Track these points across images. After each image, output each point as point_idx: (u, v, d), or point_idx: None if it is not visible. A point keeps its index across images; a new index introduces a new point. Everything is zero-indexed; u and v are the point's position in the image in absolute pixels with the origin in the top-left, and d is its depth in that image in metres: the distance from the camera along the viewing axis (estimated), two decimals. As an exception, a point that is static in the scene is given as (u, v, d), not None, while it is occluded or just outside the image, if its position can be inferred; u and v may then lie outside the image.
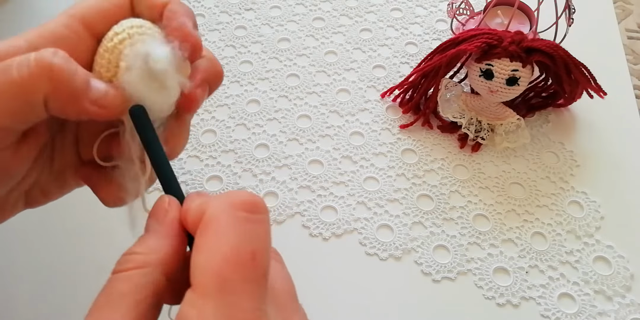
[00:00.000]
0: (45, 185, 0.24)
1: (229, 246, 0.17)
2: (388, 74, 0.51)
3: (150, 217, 0.20)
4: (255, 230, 0.18)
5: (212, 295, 0.16)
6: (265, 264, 0.17)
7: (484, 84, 0.43)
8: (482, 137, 0.45)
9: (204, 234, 0.18)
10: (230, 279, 0.16)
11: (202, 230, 0.18)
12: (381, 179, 0.44)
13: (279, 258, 0.22)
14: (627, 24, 0.58)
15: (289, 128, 0.47)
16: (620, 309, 0.38)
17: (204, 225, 0.18)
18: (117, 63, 0.21)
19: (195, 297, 0.16)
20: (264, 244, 0.18)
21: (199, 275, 0.17)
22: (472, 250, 0.41)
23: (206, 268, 0.17)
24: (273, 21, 0.54)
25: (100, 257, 0.40)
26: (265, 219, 0.19)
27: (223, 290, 0.16)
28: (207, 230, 0.18)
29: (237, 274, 0.16)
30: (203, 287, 0.16)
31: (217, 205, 0.18)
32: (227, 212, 0.18)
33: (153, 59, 0.20)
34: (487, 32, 0.42)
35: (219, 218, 0.18)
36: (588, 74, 0.44)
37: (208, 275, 0.16)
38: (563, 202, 0.43)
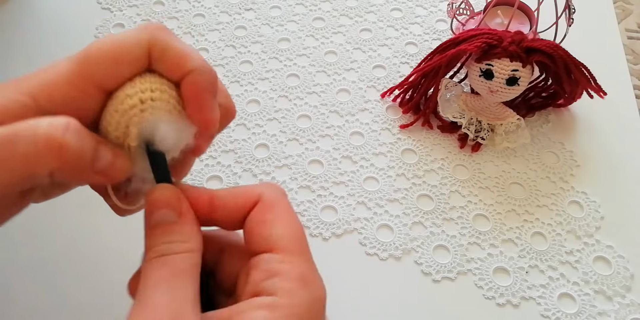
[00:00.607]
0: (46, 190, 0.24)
1: (297, 222, 0.22)
2: (388, 74, 0.51)
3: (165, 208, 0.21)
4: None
5: (299, 254, 0.21)
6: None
7: (484, 84, 0.43)
8: (482, 137, 0.45)
9: (273, 211, 0.22)
10: (305, 246, 0.22)
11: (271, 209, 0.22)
12: (381, 179, 0.44)
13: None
14: (627, 24, 0.58)
15: (289, 128, 0.47)
16: (620, 309, 0.38)
17: (271, 206, 0.22)
18: (127, 125, 0.20)
19: (285, 257, 0.21)
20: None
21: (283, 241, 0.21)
22: (472, 250, 0.41)
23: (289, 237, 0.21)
24: (273, 21, 0.54)
25: (100, 256, 0.40)
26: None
27: (304, 253, 0.22)
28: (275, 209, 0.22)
29: (306, 241, 0.22)
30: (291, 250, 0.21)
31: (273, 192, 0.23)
32: (284, 197, 0.23)
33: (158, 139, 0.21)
34: (487, 32, 0.42)
35: (283, 201, 0.23)
36: (588, 74, 0.44)
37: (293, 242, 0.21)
38: (563, 202, 0.43)
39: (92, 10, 0.55)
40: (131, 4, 0.55)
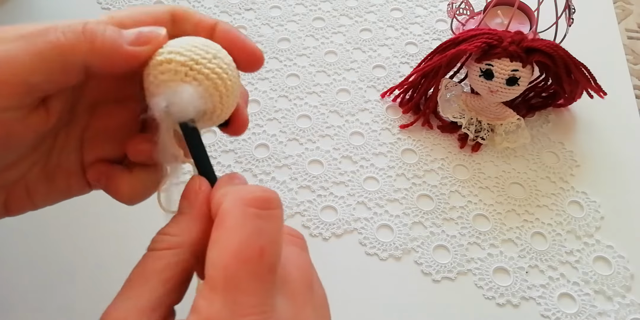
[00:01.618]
0: (32, 184, 0.23)
1: (237, 242, 0.18)
2: (388, 74, 0.51)
3: (182, 199, 0.21)
4: (264, 226, 0.18)
5: (219, 290, 0.17)
6: (274, 260, 0.18)
7: (484, 84, 0.43)
8: (482, 137, 0.45)
9: (217, 228, 0.19)
10: (236, 275, 0.17)
11: (217, 225, 0.19)
12: (381, 179, 0.44)
13: (301, 243, 0.23)
14: (627, 24, 0.58)
15: (289, 128, 0.47)
16: (620, 309, 0.38)
17: (218, 220, 0.19)
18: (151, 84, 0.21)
19: (206, 289, 0.17)
20: (273, 239, 0.18)
21: (209, 268, 0.18)
22: (472, 250, 0.41)
23: (215, 263, 0.18)
24: (273, 21, 0.54)
25: (99, 255, 0.40)
26: (277, 215, 0.19)
27: (229, 285, 0.17)
28: (220, 224, 0.19)
29: (243, 271, 0.17)
30: (212, 281, 0.17)
31: (230, 200, 0.19)
32: (239, 207, 0.18)
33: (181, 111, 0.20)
34: (487, 32, 0.42)
35: (230, 213, 0.18)
36: (588, 74, 0.44)
37: (217, 270, 0.17)
38: (563, 202, 0.43)
39: (92, 10, 0.55)
40: (131, 4, 0.55)
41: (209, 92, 0.21)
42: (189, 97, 0.20)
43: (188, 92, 0.20)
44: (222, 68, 0.21)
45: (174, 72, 0.20)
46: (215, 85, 0.21)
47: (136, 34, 0.20)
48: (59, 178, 0.24)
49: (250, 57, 0.23)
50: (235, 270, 0.17)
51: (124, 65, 0.20)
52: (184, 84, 0.20)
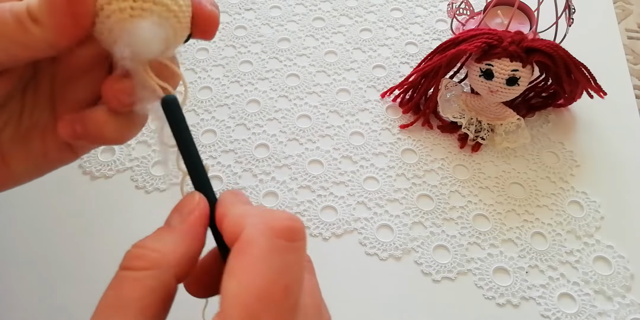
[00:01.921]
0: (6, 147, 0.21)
1: (263, 280, 0.16)
2: (388, 74, 0.51)
3: (174, 212, 0.20)
4: (291, 260, 0.17)
5: None
6: (297, 296, 0.17)
7: (484, 84, 0.43)
8: (482, 137, 0.45)
9: (239, 257, 0.17)
10: (259, 316, 0.16)
11: (238, 253, 0.17)
12: (381, 179, 0.44)
13: (310, 267, 0.21)
14: (627, 24, 0.58)
15: (289, 128, 0.47)
16: (620, 309, 0.38)
17: (241, 248, 0.17)
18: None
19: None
20: (298, 276, 0.17)
21: (228, 304, 0.16)
22: (472, 250, 0.41)
23: (237, 299, 0.16)
24: (273, 21, 0.54)
25: (99, 255, 0.40)
26: (303, 247, 0.18)
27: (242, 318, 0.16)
28: (243, 254, 0.17)
29: (267, 312, 0.16)
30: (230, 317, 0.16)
31: (256, 227, 0.17)
32: (267, 237, 0.17)
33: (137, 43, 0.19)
34: (487, 32, 0.42)
35: (257, 244, 0.17)
36: (588, 74, 0.44)
37: (238, 307, 0.16)
38: (563, 202, 0.43)
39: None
40: None
41: (164, 17, 0.19)
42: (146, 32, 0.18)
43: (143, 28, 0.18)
44: None
45: (119, 11, 0.18)
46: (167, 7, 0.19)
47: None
48: (34, 139, 0.22)
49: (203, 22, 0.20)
50: (258, 311, 0.16)
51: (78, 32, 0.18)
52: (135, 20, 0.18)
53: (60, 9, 0.17)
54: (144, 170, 0.44)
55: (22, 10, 0.17)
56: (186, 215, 0.19)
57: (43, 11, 0.17)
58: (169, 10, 0.19)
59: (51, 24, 0.17)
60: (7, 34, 0.17)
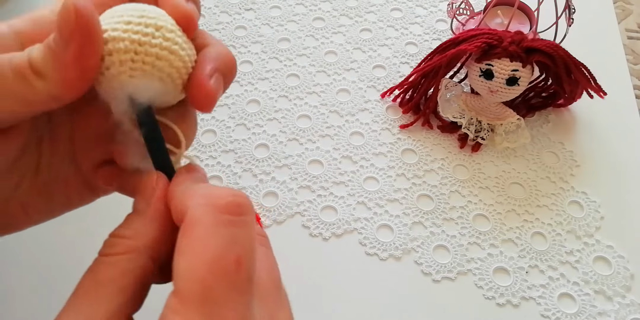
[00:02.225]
0: (26, 199, 0.21)
1: (212, 253, 0.16)
2: (388, 74, 0.51)
3: (138, 195, 0.19)
4: (239, 233, 0.17)
5: (195, 305, 0.15)
6: (251, 269, 0.17)
7: (484, 84, 0.43)
8: (482, 137, 0.45)
9: (186, 236, 0.17)
10: (213, 287, 0.16)
11: (184, 232, 0.17)
12: (381, 179, 0.44)
13: (266, 242, 0.21)
14: (627, 24, 0.58)
15: (289, 128, 0.47)
16: (620, 309, 0.38)
17: (186, 227, 0.17)
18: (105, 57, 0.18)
19: (178, 303, 0.16)
20: (248, 248, 0.17)
21: (181, 281, 0.16)
22: (472, 250, 0.41)
23: (189, 275, 0.16)
24: (273, 21, 0.54)
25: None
26: (250, 221, 0.18)
27: (207, 299, 0.15)
28: (189, 232, 0.17)
29: (221, 283, 0.16)
30: (186, 295, 0.16)
31: (199, 206, 0.17)
32: (210, 214, 0.17)
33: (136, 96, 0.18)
34: (487, 32, 0.42)
35: (201, 221, 0.17)
36: (588, 74, 0.44)
37: (191, 283, 0.16)
38: (563, 202, 0.43)
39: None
40: None
41: (165, 72, 0.18)
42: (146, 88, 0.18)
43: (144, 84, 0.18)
44: (169, 39, 0.18)
45: (119, 63, 0.18)
46: (169, 62, 0.18)
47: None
48: (56, 191, 0.22)
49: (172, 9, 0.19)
50: (212, 283, 0.15)
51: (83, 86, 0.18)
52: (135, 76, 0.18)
53: (68, 63, 0.16)
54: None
55: (23, 64, 0.17)
56: (149, 198, 0.19)
57: (48, 65, 0.17)
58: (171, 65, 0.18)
59: (56, 78, 0.17)
60: (7, 89, 0.17)
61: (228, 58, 0.20)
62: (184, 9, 0.19)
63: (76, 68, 0.17)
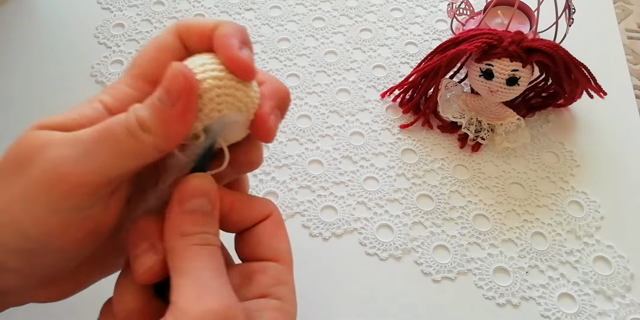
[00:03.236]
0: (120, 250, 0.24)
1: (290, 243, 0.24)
2: (388, 74, 0.51)
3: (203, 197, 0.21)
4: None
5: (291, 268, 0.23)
6: None
7: (484, 84, 0.43)
8: (482, 137, 0.45)
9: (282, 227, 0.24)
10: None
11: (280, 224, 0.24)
12: (381, 179, 0.44)
13: None
14: (627, 24, 0.58)
15: (289, 128, 0.47)
16: (620, 309, 0.38)
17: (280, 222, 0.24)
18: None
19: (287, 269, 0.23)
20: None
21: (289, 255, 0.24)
22: (472, 250, 0.41)
23: (289, 252, 0.24)
24: (273, 21, 0.54)
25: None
26: None
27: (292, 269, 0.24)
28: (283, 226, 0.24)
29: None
30: (291, 265, 0.23)
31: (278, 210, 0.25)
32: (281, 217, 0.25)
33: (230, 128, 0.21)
34: (487, 32, 0.42)
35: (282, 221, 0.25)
36: (588, 74, 0.44)
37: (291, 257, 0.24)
38: (563, 202, 0.43)
39: (92, 10, 0.55)
40: (131, 4, 0.55)
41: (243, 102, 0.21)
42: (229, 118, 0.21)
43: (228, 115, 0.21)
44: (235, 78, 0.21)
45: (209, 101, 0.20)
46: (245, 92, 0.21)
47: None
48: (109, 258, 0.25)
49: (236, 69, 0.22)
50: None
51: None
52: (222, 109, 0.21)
53: (173, 118, 0.19)
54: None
55: (132, 122, 0.19)
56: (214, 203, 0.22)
57: (155, 121, 0.19)
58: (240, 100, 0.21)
59: (163, 132, 0.19)
60: (121, 147, 0.19)
61: (284, 93, 0.24)
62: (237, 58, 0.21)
63: (180, 122, 0.19)
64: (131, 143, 0.19)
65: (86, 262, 0.23)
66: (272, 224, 0.24)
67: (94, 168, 0.19)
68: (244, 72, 0.21)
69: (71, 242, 0.20)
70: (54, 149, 0.19)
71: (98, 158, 0.19)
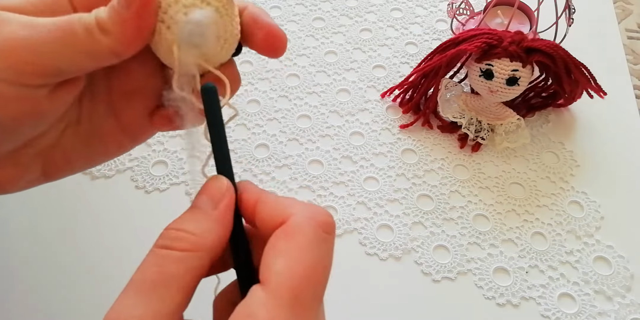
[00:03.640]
0: (68, 149, 0.23)
1: (310, 263, 0.18)
2: (388, 74, 0.51)
3: (204, 195, 0.20)
4: (327, 249, 0.20)
5: (285, 305, 0.17)
6: (327, 280, 0.19)
7: (484, 84, 0.43)
8: (482, 137, 0.45)
9: (288, 240, 0.19)
10: (303, 294, 0.18)
11: (287, 236, 0.19)
12: (381, 179, 0.44)
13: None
14: (627, 24, 0.58)
15: (289, 128, 0.47)
16: (620, 309, 0.38)
17: (289, 233, 0.19)
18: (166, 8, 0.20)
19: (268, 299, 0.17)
20: (329, 262, 0.20)
21: (276, 280, 0.18)
22: (472, 250, 0.41)
23: (286, 277, 0.18)
24: (273, 21, 0.54)
25: (99, 255, 0.40)
26: (334, 240, 0.20)
27: (296, 302, 0.18)
28: (292, 238, 0.19)
29: (309, 291, 0.18)
30: (278, 293, 0.18)
31: (304, 217, 0.19)
32: (313, 228, 0.19)
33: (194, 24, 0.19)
34: (487, 32, 0.42)
35: (306, 232, 0.19)
36: (588, 74, 0.44)
37: (286, 285, 0.18)
38: (563, 202, 0.43)
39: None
40: None
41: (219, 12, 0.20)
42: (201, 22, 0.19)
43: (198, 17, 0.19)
44: None
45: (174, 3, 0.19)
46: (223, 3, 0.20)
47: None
48: (95, 141, 0.24)
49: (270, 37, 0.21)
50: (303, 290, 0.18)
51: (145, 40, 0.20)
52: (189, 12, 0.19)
53: (128, 20, 0.19)
54: (144, 170, 0.44)
55: (91, 22, 0.19)
56: (218, 201, 0.20)
57: (112, 22, 0.19)
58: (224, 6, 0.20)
59: (118, 35, 0.19)
60: (77, 44, 0.19)
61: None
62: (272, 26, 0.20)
63: (134, 25, 0.19)
64: (87, 42, 0.19)
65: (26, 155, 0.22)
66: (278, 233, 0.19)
67: (47, 56, 0.19)
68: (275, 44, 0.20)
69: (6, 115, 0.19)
70: (10, 27, 0.18)
71: (52, 47, 0.19)
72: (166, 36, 0.20)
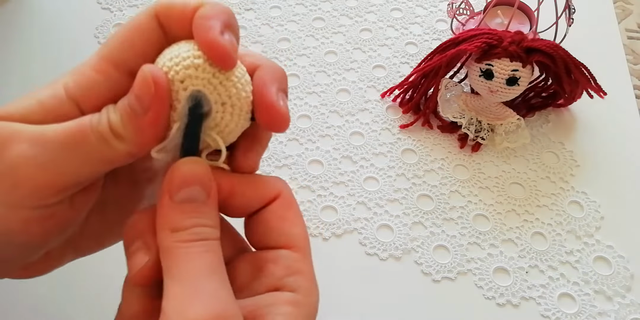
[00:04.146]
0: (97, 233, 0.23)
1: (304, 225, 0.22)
2: (388, 74, 0.51)
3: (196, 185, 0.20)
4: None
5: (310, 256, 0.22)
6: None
7: (484, 84, 0.43)
8: (482, 137, 0.45)
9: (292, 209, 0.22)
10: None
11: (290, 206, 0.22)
12: (381, 179, 0.44)
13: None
14: (627, 24, 0.58)
15: (289, 128, 0.47)
16: (620, 309, 0.38)
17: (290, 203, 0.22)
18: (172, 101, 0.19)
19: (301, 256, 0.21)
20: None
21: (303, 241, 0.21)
22: (472, 250, 0.41)
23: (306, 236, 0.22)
24: (273, 21, 0.54)
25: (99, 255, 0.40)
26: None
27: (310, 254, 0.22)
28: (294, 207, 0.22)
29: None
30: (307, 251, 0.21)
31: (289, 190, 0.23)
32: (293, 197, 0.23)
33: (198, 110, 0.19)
34: (487, 32, 0.42)
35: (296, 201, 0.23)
36: (588, 74, 0.44)
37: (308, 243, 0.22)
38: (563, 202, 0.43)
39: (92, 10, 0.55)
40: (131, 4, 0.55)
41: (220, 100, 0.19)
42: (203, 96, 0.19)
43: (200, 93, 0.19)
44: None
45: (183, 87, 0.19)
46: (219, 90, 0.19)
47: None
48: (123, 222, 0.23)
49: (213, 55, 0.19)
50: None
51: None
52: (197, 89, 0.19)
53: (145, 127, 0.18)
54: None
55: (104, 128, 0.18)
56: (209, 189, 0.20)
57: (127, 129, 0.18)
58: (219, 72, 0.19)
59: (135, 140, 0.19)
60: (91, 153, 0.18)
61: (281, 73, 0.22)
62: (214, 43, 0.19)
63: (152, 131, 0.19)
64: (103, 149, 0.18)
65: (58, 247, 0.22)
66: (280, 205, 0.21)
67: (62, 171, 0.18)
68: (222, 59, 0.19)
69: (33, 237, 0.19)
70: (19, 147, 0.18)
71: (67, 163, 0.18)
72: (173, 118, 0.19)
